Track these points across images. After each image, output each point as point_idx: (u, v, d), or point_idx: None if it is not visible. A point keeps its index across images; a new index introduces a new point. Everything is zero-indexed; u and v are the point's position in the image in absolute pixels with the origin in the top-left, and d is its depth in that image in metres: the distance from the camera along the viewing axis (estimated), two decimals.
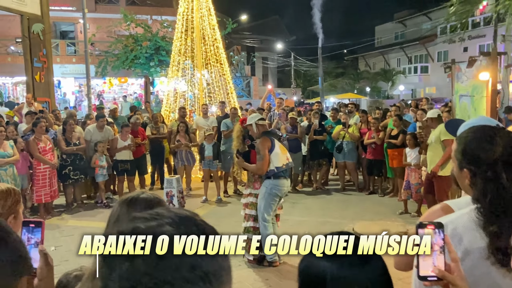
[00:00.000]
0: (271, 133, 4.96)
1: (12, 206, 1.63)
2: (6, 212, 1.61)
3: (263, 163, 4.72)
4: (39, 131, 7.11)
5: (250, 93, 23.60)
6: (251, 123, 4.95)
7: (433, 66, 36.90)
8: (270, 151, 4.80)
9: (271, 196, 4.82)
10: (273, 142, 4.84)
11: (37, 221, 1.42)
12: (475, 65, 4.76)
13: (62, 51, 22.05)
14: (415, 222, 4.33)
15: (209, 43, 10.62)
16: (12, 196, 1.65)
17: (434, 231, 1.08)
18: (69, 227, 6.78)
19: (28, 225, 1.42)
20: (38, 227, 1.41)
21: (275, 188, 4.81)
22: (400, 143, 7.59)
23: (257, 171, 4.88)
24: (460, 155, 1.42)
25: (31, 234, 1.42)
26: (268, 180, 4.84)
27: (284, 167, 4.85)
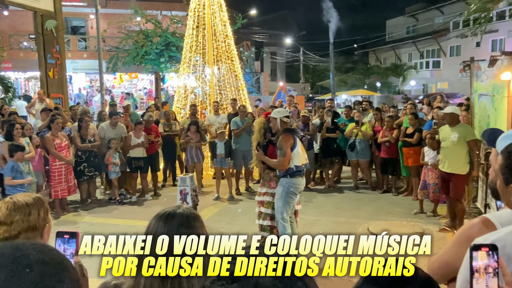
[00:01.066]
0: (294, 131, 4.95)
1: (45, 216, 1.63)
2: (42, 224, 1.61)
3: (285, 159, 4.72)
4: (55, 128, 7.17)
5: (260, 89, 23.52)
6: (276, 117, 4.94)
7: (446, 61, 36.44)
8: (291, 149, 4.81)
9: (288, 195, 4.85)
10: (295, 140, 4.84)
11: (72, 232, 1.42)
12: (496, 64, 4.66)
13: (73, 46, 22.16)
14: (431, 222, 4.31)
15: (221, 40, 10.59)
16: (43, 206, 1.64)
17: (488, 253, 1.06)
18: (85, 223, 6.85)
19: (63, 236, 1.42)
20: (73, 238, 1.41)
21: (292, 186, 4.83)
22: (416, 142, 7.50)
23: (277, 166, 4.88)
24: (507, 170, 1.38)
25: (66, 245, 1.42)
26: (285, 179, 4.84)
27: (303, 167, 4.88)
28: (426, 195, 6.88)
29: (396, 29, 42.32)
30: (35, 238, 1.58)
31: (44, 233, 1.62)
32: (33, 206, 1.61)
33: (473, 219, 1.70)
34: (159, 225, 1.39)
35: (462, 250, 1.57)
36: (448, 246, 1.70)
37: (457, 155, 5.70)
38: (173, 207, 1.48)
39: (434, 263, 1.69)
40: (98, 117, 9.81)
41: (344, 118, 9.10)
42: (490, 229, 1.49)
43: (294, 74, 40.40)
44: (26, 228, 1.56)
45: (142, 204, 8.07)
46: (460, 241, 1.61)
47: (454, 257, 1.58)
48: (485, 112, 5.44)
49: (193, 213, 1.45)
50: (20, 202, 1.60)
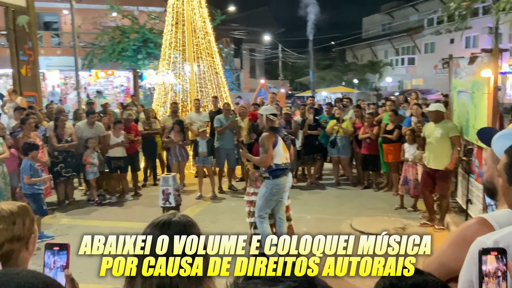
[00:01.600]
0: (277, 130, 4.94)
1: (31, 226, 1.53)
2: (28, 234, 1.51)
3: (267, 157, 4.78)
4: (28, 128, 6.92)
5: (240, 86, 23.44)
6: (263, 114, 4.95)
7: (420, 57, 37.22)
8: (273, 147, 4.84)
9: (271, 196, 4.89)
10: (277, 139, 4.88)
11: (62, 244, 1.34)
12: (476, 61, 4.75)
13: (47, 42, 21.47)
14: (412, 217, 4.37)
15: (201, 36, 10.45)
16: (28, 214, 1.55)
17: (497, 257, 1.05)
18: (63, 226, 6.65)
19: (52, 248, 1.34)
20: (63, 250, 1.34)
21: (276, 187, 4.87)
22: (395, 138, 7.61)
23: (259, 163, 4.94)
24: (510, 170, 1.37)
25: (56, 257, 1.34)
26: (268, 180, 4.89)
27: (283, 166, 4.88)
28: (407, 191, 6.99)
29: (372, 26, 42.96)
30: (20, 248, 1.49)
31: (29, 244, 1.53)
32: (18, 215, 1.51)
33: (469, 220, 1.70)
34: (155, 234, 1.32)
35: (458, 251, 1.56)
36: (444, 248, 1.69)
37: (441, 151, 5.79)
38: (167, 214, 1.42)
39: (430, 264, 1.68)
40: (74, 116, 9.53)
41: (326, 115, 9.14)
42: (487, 229, 1.48)
43: (273, 71, 40.41)
44: (10, 238, 1.47)
45: (122, 204, 7.90)
46: (456, 242, 1.61)
47: (451, 258, 1.57)
48: (465, 108, 5.55)
49: (190, 221, 1.40)
50: (4, 211, 1.50)
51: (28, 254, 1.54)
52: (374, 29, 42.19)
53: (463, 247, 1.54)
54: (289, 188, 5.10)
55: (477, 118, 4.99)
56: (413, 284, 0.90)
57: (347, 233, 4.49)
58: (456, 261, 1.55)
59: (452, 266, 1.55)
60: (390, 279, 0.93)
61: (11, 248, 1.47)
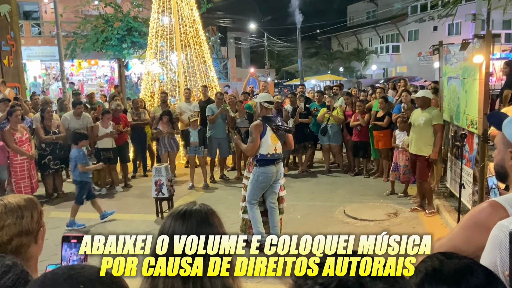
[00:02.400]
0: (269, 119, 4.90)
1: (39, 219, 1.49)
2: (36, 227, 1.47)
3: (253, 146, 4.82)
4: (14, 120, 6.74)
5: (227, 75, 23.25)
6: (257, 102, 4.96)
7: (404, 45, 37.49)
8: (260, 136, 4.82)
9: (257, 183, 4.91)
10: (265, 129, 4.85)
11: (80, 236, 1.31)
12: (468, 47, 4.80)
13: (27, 32, 20.88)
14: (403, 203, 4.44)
15: (188, 24, 10.29)
16: (36, 207, 1.50)
17: None
18: (53, 219, 6.53)
19: (70, 241, 1.32)
20: (81, 243, 1.31)
21: (262, 175, 4.88)
22: (386, 125, 7.67)
23: (246, 151, 5.06)
24: None
25: (74, 250, 1.31)
26: (256, 168, 4.92)
27: (269, 156, 4.86)
28: (398, 177, 7.08)
29: (357, 14, 42.99)
30: (29, 243, 1.45)
31: (38, 238, 1.49)
32: (26, 209, 1.46)
33: (481, 203, 1.71)
34: (176, 224, 1.30)
35: (471, 234, 1.58)
36: (456, 231, 1.71)
37: (422, 137, 5.91)
38: (187, 204, 1.39)
39: (441, 247, 1.69)
40: (59, 107, 9.32)
41: (317, 103, 9.16)
42: (500, 212, 1.50)
43: (259, 59, 40.22)
44: (18, 232, 1.43)
45: (112, 196, 7.82)
46: (469, 225, 1.62)
47: (464, 241, 1.59)
48: (455, 94, 5.61)
49: (211, 209, 1.38)
50: (11, 205, 1.45)
51: (38, 248, 1.50)
52: (359, 17, 42.25)
53: (475, 230, 1.56)
54: (281, 178, 5.05)
55: (468, 104, 5.06)
56: (456, 270, 0.90)
57: (341, 220, 4.49)
58: (469, 244, 1.57)
59: (464, 249, 1.57)
60: (432, 264, 0.93)
61: (20, 243, 1.43)
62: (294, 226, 5.81)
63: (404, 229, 5.60)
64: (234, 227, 5.31)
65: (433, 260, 0.93)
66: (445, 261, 0.93)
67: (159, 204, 6.40)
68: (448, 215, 5.68)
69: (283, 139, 5.00)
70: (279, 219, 5.17)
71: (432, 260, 0.94)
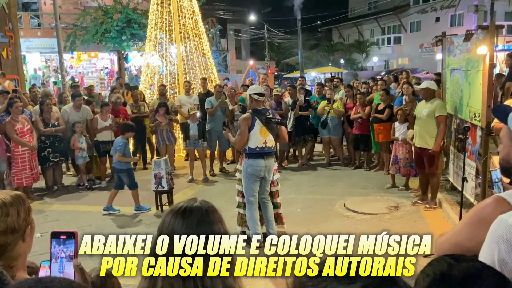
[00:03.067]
0: (259, 112, 4.82)
1: (27, 216, 1.44)
2: (23, 225, 1.42)
3: (240, 139, 4.80)
4: (15, 112, 6.72)
5: (227, 68, 23.12)
6: (248, 94, 4.92)
7: (406, 36, 37.26)
8: (249, 129, 4.77)
9: (247, 175, 4.85)
10: (253, 122, 4.78)
11: (69, 232, 1.27)
12: (471, 38, 4.72)
13: (26, 24, 20.74)
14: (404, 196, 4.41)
15: (188, 16, 10.19)
16: (23, 204, 1.44)
17: None
18: (53, 212, 6.52)
19: (59, 237, 1.27)
20: (70, 239, 1.26)
21: (250, 167, 4.82)
22: (386, 118, 7.61)
23: (234, 144, 5.11)
24: None
25: (63, 247, 1.27)
26: (245, 159, 4.88)
27: (258, 150, 4.78)
28: (398, 170, 7.03)
29: (358, 5, 42.66)
30: (15, 241, 1.40)
31: (25, 236, 1.43)
32: (12, 205, 1.41)
33: (485, 198, 1.67)
34: (176, 221, 1.25)
35: (475, 230, 1.54)
36: (459, 227, 1.67)
37: (427, 130, 5.78)
38: (187, 200, 1.34)
39: (444, 244, 1.65)
40: (59, 100, 9.27)
41: (317, 95, 9.08)
42: (505, 208, 1.46)
43: (259, 51, 40.00)
44: (3, 230, 1.37)
45: (112, 189, 7.77)
46: (473, 221, 1.58)
47: (467, 237, 1.54)
48: (458, 86, 5.54)
49: (211, 206, 1.34)
50: None
51: (26, 246, 1.45)
52: (360, 8, 41.93)
53: (480, 226, 1.51)
54: (270, 174, 4.94)
55: (472, 96, 4.99)
56: (466, 274, 0.84)
57: (341, 213, 4.43)
58: (472, 240, 1.52)
59: (468, 246, 1.53)
60: (440, 267, 0.88)
61: (5, 241, 1.38)
62: (294, 219, 5.78)
63: (405, 222, 5.56)
64: (233, 220, 5.28)
65: (441, 264, 0.88)
66: (454, 264, 0.88)
67: (158, 197, 6.37)
68: (450, 208, 5.63)
69: (275, 132, 4.87)
70: (273, 213, 5.07)
71: (440, 263, 0.89)
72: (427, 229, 5.25)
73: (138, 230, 5.60)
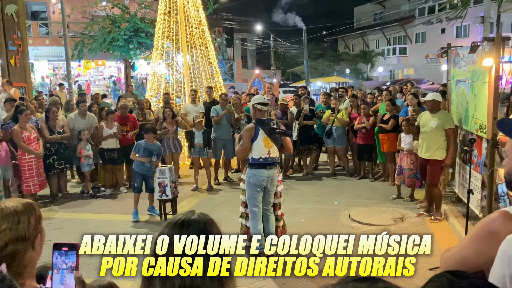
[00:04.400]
0: (262, 122, 4.81)
1: (37, 225, 1.44)
2: (34, 233, 1.42)
3: (242, 149, 4.79)
4: (24, 120, 6.77)
5: (233, 77, 23.23)
6: (251, 104, 4.91)
7: (412, 47, 37.31)
8: (252, 140, 4.74)
9: (250, 186, 4.81)
10: (257, 132, 4.75)
11: (71, 244, 1.27)
12: (477, 50, 4.71)
13: (34, 32, 21.03)
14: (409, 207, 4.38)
15: (194, 25, 10.28)
16: (34, 212, 1.45)
17: None
18: (57, 220, 6.53)
19: (61, 248, 1.27)
20: (72, 250, 1.26)
21: (252, 177, 4.78)
22: (390, 128, 7.59)
23: (236, 154, 5.17)
24: None
25: (64, 258, 1.27)
26: (248, 169, 4.85)
27: (262, 160, 4.75)
28: (403, 181, 6.98)
29: (364, 16, 42.84)
30: (26, 249, 1.41)
31: (35, 244, 1.44)
32: (23, 214, 1.42)
33: (491, 213, 1.65)
34: (173, 233, 1.25)
35: (482, 245, 1.52)
36: (465, 242, 1.65)
37: (435, 141, 5.77)
38: (185, 213, 1.33)
39: (450, 259, 1.63)
40: (65, 107, 9.34)
41: (323, 105, 9.09)
42: (511, 222, 1.44)
43: (265, 61, 40.21)
44: (14, 238, 1.38)
45: (116, 197, 7.80)
46: (479, 236, 1.56)
47: (473, 253, 1.53)
48: (464, 98, 5.52)
49: (210, 219, 1.33)
50: (8, 209, 1.41)
51: (36, 254, 1.45)
52: (366, 18, 42.10)
53: (486, 241, 1.50)
54: (274, 185, 4.90)
55: (477, 107, 4.97)
56: None
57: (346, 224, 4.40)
58: (479, 256, 1.51)
59: (475, 261, 1.51)
60: (441, 284, 0.86)
61: (16, 249, 1.38)
62: (298, 229, 5.74)
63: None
64: (237, 230, 5.25)
65: (442, 280, 0.87)
66: (455, 281, 0.87)
67: (162, 206, 6.37)
68: (456, 220, 5.58)
69: (279, 142, 4.84)
70: (275, 226, 5.00)
71: (441, 280, 0.87)
72: (432, 241, 5.20)
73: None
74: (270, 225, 4.93)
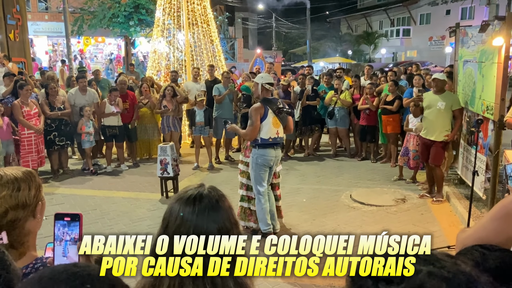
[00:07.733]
0: (270, 102, 4.73)
1: (37, 193, 1.41)
2: (34, 201, 1.39)
3: (253, 130, 4.64)
4: (25, 95, 6.69)
5: (234, 56, 22.97)
6: (259, 83, 4.76)
7: (415, 29, 36.78)
8: (261, 120, 4.66)
9: (258, 166, 4.73)
10: (266, 111, 4.66)
11: (73, 214, 1.22)
12: (487, 29, 4.60)
13: (34, 7, 20.68)
14: (411, 189, 4.35)
15: (196, 2, 10.07)
16: (34, 180, 1.41)
17: None
18: (58, 195, 6.53)
19: (63, 219, 1.22)
20: (75, 221, 1.22)
21: (260, 157, 4.71)
22: (396, 109, 7.51)
23: (245, 136, 4.85)
24: None
25: (67, 229, 1.22)
26: (254, 149, 4.76)
27: (271, 141, 4.69)
28: (406, 162, 6.95)
29: None
30: (26, 216, 1.38)
31: (36, 212, 1.41)
32: (23, 181, 1.38)
33: (510, 195, 1.61)
34: (186, 209, 1.20)
35: (501, 225, 1.49)
36: (483, 222, 1.62)
37: (442, 123, 5.70)
38: (193, 187, 1.29)
39: (467, 239, 1.60)
40: (67, 83, 9.24)
41: (325, 85, 8.99)
42: None
43: (266, 41, 39.71)
44: (14, 205, 1.35)
45: (117, 174, 7.78)
46: (498, 217, 1.53)
47: (492, 233, 1.50)
48: (471, 79, 5.43)
49: (221, 194, 1.28)
50: (8, 176, 1.37)
51: (36, 223, 1.42)
52: None
53: (506, 221, 1.47)
54: (277, 163, 4.89)
55: (485, 88, 4.89)
56: (502, 263, 0.79)
57: (347, 204, 4.37)
58: (498, 236, 1.48)
59: (495, 241, 1.49)
60: (472, 256, 0.82)
61: (16, 216, 1.35)
62: (299, 209, 5.75)
63: (412, 215, 5.51)
64: (236, 210, 5.25)
65: (473, 253, 0.83)
66: (487, 253, 0.83)
67: (164, 183, 6.35)
68: (458, 202, 5.57)
69: (285, 122, 4.78)
70: (275, 206, 5.01)
71: (472, 253, 0.83)
72: (434, 222, 5.21)
73: (141, 215, 5.59)
74: (271, 203, 4.93)
